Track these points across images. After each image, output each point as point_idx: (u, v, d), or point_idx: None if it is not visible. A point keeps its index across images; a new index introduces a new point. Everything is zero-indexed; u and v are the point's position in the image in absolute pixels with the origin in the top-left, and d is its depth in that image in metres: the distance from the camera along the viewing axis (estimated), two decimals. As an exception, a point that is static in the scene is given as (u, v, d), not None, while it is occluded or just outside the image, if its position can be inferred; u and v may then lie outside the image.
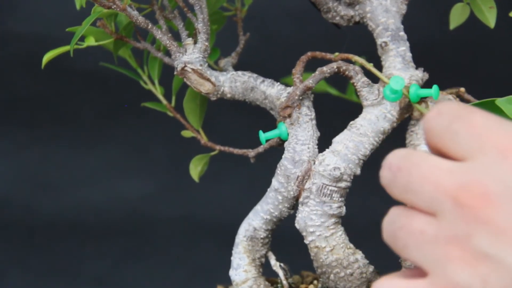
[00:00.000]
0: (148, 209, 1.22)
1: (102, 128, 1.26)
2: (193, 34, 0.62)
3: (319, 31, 0.95)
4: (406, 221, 0.37)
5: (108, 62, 0.73)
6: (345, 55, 0.61)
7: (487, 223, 0.34)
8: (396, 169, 0.37)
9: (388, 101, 0.58)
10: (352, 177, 0.58)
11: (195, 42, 0.61)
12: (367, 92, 0.58)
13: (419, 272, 0.38)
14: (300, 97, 0.59)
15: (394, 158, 0.38)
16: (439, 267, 0.36)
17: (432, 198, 0.36)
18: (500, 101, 0.54)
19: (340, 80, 0.63)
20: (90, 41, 0.64)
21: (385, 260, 0.55)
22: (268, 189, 0.61)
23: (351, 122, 0.59)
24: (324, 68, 0.59)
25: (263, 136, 0.61)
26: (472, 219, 0.35)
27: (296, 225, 0.59)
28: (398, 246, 0.38)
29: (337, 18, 0.63)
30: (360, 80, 0.59)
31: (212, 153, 0.69)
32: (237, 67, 0.67)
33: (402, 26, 0.60)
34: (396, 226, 0.38)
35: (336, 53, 0.61)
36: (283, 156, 0.59)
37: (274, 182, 0.60)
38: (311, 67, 0.63)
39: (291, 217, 0.61)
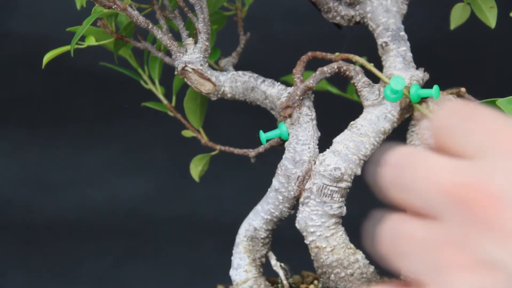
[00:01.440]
0: (148, 209, 1.22)
1: (102, 128, 1.26)
2: (193, 34, 0.62)
3: (319, 31, 0.95)
4: (404, 228, 0.34)
5: (108, 62, 0.73)
6: (345, 55, 0.61)
7: (492, 226, 0.31)
8: (397, 167, 0.34)
9: (389, 101, 0.58)
10: (352, 177, 0.58)
11: (196, 42, 0.61)
12: (367, 92, 0.58)
13: (416, 284, 0.34)
14: (301, 97, 0.59)
15: (395, 155, 0.35)
16: (438, 276, 0.32)
17: (433, 198, 0.33)
18: (501, 102, 0.54)
19: (340, 79, 0.63)
20: (91, 41, 0.64)
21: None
22: (269, 189, 0.61)
23: (352, 122, 0.59)
24: (325, 68, 0.59)
25: (263, 136, 0.61)
26: (476, 222, 0.31)
27: (297, 225, 0.59)
28: (396, 256, 0.34)
29: (338, 18, 0.63)
30: (360, 80, 0.59)
31: (213, 153, 0.69)
32: (237, 67, 0.67)
33: (402, 26, 0.60)
34: (393, 234, 0.34)
35: (337, 53, 0.61)
36: (283, 156, 0.59)
37: (275, 182, 0.60)
38: (311, 67, 0.63)
39: (292, 217, 0.61)
